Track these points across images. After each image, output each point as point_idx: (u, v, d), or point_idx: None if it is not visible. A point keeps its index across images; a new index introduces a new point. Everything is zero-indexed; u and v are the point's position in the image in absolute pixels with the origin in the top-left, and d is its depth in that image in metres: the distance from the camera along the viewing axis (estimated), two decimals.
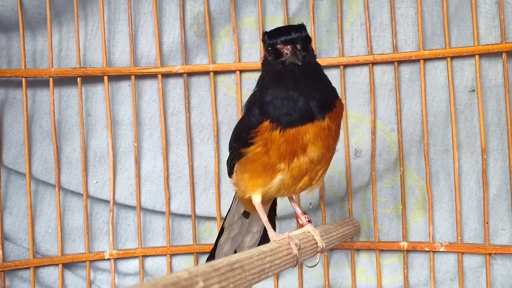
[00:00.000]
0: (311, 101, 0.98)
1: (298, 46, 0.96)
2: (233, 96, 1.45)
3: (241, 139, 1.05)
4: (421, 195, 1.41)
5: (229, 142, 1.15)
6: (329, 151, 1.04)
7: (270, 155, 1.00)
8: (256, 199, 1.07)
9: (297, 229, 1.13)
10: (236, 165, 1.10)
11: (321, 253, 1.10)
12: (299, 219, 1.14)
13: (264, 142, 1.00)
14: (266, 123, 0.99)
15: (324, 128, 0.99)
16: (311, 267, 1.15)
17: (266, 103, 0.99)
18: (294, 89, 0.98)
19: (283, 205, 1.33)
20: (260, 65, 1.02)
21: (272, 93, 0.99)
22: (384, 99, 1.42)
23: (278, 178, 1.03)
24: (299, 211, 1.15)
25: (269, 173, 1.03)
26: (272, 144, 0.99)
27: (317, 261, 1.10)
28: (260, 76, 1.03)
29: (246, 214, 1.23)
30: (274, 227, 1.26)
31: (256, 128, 1.00)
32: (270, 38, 0.97)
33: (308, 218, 1.13)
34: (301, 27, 0.98)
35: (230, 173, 1.16)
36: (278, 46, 0.96)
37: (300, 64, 0.95)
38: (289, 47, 0.95)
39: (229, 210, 1.22)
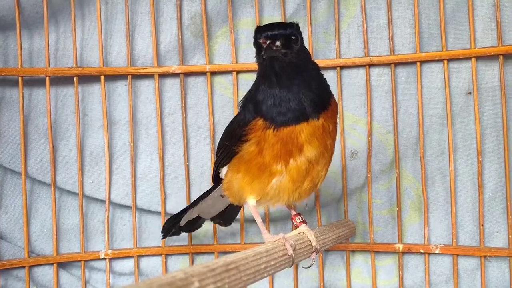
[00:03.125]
0: (304, 100, 0.99)
1: (278, 43, 0.95)
2: (230, 96, 1.45)
3: (234, 135, 1.04)
4: (417, 197, 1.41)
5: (218, 144, 1.15)
6: (327, 150, 1.04)
7: (264, 154, 1.00)
8: (251, 202, 1.07)
9: (292, 230, 1.13)
10: (227, 166, 1.09)
11: (316, 253, 1.10)
12: (293, 220, 1.14)
13: (257, 140, 1.00)
14: (260, 121, 0.99)
15: (319, 127, 1.00)
16: (307, 267, 1.15)
17: (260, 101, 1.00)
18: (280, 86, 0.98)
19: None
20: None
21: (263, 90, 1.00)
22: (380, 101, 1.42)
23: (275, 180, 1.03)
24: (293, 212, 1.15)
25: (266, 175, 1.03)
26: (265, 143, 0.99)
27: (312, 261, 1.11)
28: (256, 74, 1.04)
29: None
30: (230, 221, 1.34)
31: (249, 125, 1.00)
32: (256, 33, 0.98)
33: (302, 219, 1.13)
34: (288, 25, 0.99)
35: (215, 178, 1.16)
36: (260, 40, 0.97)
37: (278, 58, 0.96)
38: (267, 42, 0.96)
39: (206, 194, 1.23)
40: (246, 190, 1.06)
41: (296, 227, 1.13)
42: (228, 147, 1.07)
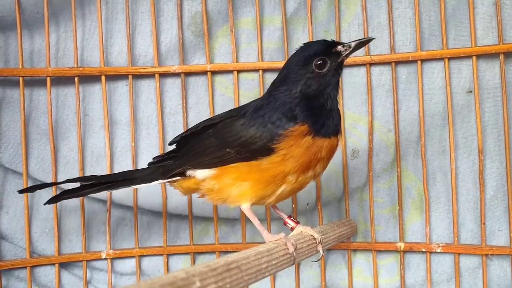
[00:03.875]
0: (337, 117, 1.08)
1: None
2: (231, 96, 1.45)
3: (252, 144, 1.04)
4: (418, 195, 1.41)
5: (193, 145, 1.13)
6: (325, 168, 1.11)
7: (287, 164, 1.02)
8: (246, 206, 1.08)
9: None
10: (213, 169, 1.08)
11: (321, 246, 1.12)
12: (287, 224, 1.15)
13: (287, 149, 1.02)
14: (303, 127, 1.02)
15: (335, 146, 1.08)
16: (316, 261, 1.16)
17: (309, 109, 1.04)
18: (333, 101, 1.08)
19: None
20: (284, 71, 1.09)
21: (312, 101, 1.06)
22: (381, 100, 1.42)
23: (281, 189, 1.06)
24: (285, 217, 1.17)
25: (277, 184, 1.05)
26: (296, 151, 1.02)
27: (320, 254, 1.13)
28: (299, 82, 1.06)
29: None
30: None
31: (286, 131, 1.02)
32: (325, 46, 1.08)
33: (295, 220, 1.15)
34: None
35: (176, 174, 1.13)
36: (339, 48, 1.09)
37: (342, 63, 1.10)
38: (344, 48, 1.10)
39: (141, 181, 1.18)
40: (247, 197, 1.07)
41: (292, 229, 1.13)
42: (228, 154, 1.06)
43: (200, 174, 1.10)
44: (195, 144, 1.12)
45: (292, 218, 1.16)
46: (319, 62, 1.05)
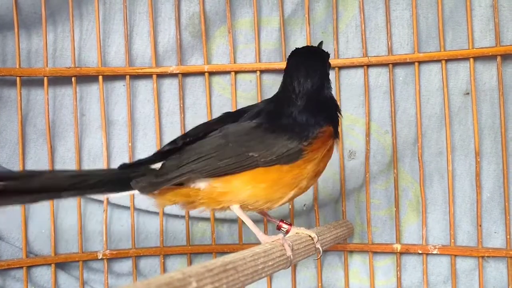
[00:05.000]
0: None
1: None
2: (228, 97, 1.45)
3: (281, 147, 0.98)
4: (415, 197, 1.41)
5: (216, 149, 1.01)
6: None
7: (307, 166, 0.99)
8: (236, 206, 1.01)
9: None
10: (233, 174, 0.98)
11: (320, 244, 1.11)
12: (282, 228, 1.12)
13: (317, 149, 1.00)
14: (330, 129, 1.02)
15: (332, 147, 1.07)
16: (318, 258, 1.17)
17: (328, 110, 1.06)
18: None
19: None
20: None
21: (327, 102, 1.07)
22: (378, 101, 1.42)
23: (291, 193, 1.02)
24: (277, 221, 1.13)
25: (291, 187, 1.01)
26: (320, 153, 1.00)
27: (320, 250, 1.11)
28: (322, 85, 1.06)
29: None
30: None
31: (319, 130, 1.01)
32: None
33: (288, 222, 1.13)
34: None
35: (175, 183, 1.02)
36: None
37: None
38: None
39: None
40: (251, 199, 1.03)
41: (287, 232, 1.12)
42: (251, 158, 0.97)
43: (204, 182, 1.00)
44: (199, 148, 1.00)
45: (284, 221, 1.13)
46: (328, 64, 1.06)
